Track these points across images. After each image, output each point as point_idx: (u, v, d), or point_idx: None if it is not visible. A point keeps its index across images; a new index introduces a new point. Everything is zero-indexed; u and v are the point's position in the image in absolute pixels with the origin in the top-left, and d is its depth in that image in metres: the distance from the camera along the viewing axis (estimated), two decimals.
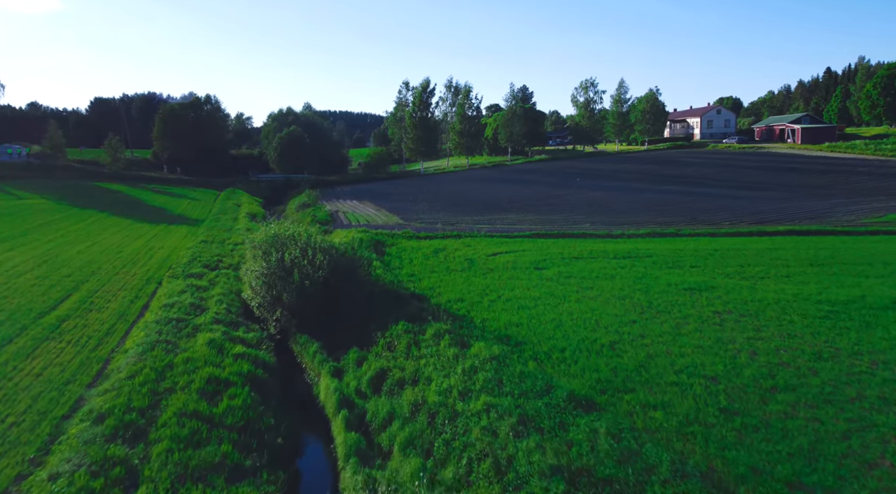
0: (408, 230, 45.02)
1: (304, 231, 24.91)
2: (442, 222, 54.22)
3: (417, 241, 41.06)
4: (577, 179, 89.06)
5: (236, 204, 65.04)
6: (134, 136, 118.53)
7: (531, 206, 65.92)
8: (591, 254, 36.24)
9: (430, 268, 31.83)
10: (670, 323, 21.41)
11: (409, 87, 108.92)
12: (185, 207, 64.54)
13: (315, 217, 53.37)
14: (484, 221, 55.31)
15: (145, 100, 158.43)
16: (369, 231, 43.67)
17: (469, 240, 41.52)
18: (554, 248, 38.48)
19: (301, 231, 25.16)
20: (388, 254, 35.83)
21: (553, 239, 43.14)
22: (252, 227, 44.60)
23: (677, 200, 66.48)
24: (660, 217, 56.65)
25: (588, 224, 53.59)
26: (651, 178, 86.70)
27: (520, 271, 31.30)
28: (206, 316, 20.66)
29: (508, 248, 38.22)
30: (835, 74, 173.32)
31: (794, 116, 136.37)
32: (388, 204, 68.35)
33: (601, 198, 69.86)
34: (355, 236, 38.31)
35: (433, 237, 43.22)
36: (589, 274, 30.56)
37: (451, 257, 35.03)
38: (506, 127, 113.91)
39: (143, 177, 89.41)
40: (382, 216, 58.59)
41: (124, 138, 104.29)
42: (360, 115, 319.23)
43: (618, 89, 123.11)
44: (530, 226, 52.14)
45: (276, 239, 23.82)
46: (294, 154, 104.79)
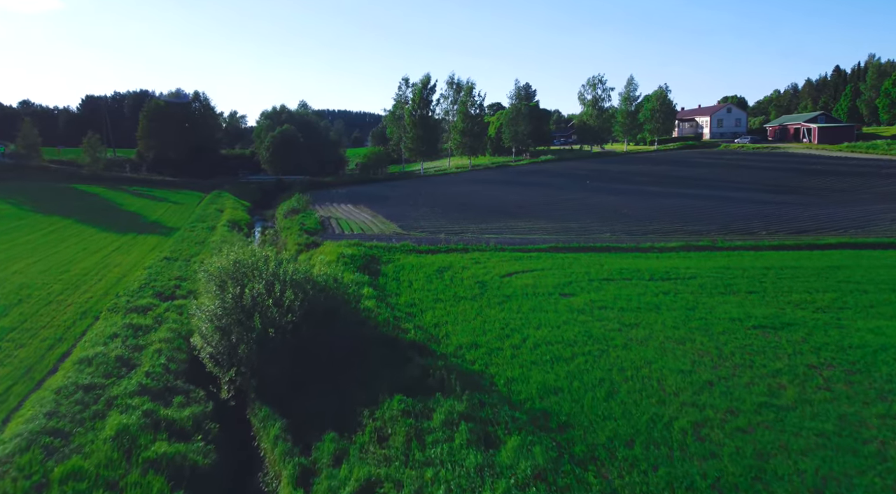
0: (407, 243, 39.47)
1: (273, 257, 19.30)
2: (445, 231, 48.69)
3: (418, 257, 35.51)
4: (588, 182, 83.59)
5: (219, 209, 59.43)
6: (127, 135, 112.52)
7: (541, 212, 60.40)
8: (623, 275, 30.71)
9: (434, 295, 26.26)
10: (760, 386, 15.89)
11: (408, 84, 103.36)
12: (163, 213, 58.97)
13: (303, 225, 47.79)
14: (492, 230, 49.76)
15: (136, 98, 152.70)
16: (362, 244, 38.10)
17: (477, 255, 35.97)
18: (577, 266, 32.95)
19: (270, 255, 19.55)
20: (384, 275, 30.27)
21: (573, 253, 37.61)
22: (229, 239, 39.07)
23: (700, 205, 60.98)
24: (686, 225, 51.15)
25: (608, 233, 48.09)
26: (666, 181, 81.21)
27: (543, 299, 25.76)
28: (131, 378, 15.08)
29: (524, 266, 32.68)
30: (844, 73, 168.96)
31: (810, 115, 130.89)
32: (386, 209, 62.81)
33: (617, 203, 64.33)
34: (345, 252, 32.74)
35: (436, 251, 37.68)
36: (627, 303, 25.02)
37: (459, 278, 29.47)
38: (510, 126, 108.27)
39: (124, 179, 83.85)
40: (379, 223, 53.03)
41: (106, 137, 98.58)
42: (359, 114, 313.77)
43: (626, 86, 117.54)
44: (544, 236, 46.64)
45: (237, 267, 18.23)
46: (287, 154, 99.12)
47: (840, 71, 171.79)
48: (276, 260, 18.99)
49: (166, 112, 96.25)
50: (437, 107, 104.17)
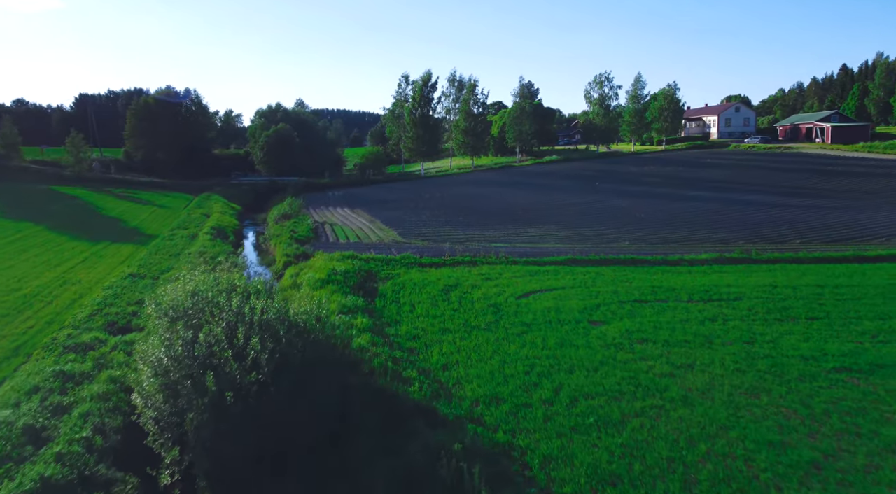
0: (408, 254, 35.38)
1: (241, 287, 15.24)
2: (449, 239, 44.65)
3: (421, 271, 31.43)
4: (597, 183, 79.54)
5: (205, 213, 55.31)
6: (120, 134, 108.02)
7: (551, 217, 56.37)
8: (657, 295, 26.67)
9: (441, 323, 22.18)
10: (885, 469, 11.85)
11: (408, 81, 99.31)
12: (146, 218, 54.85)
13: (294, 233, 43.70)
14: (500, 237, 45.70)
15: (130, 97, 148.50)
16: (358, 257, 34.02)
17: (487, 270, 31.89)
18: (602, 283, 28.90)
19: (238, 283, 15.48)
20: (382, 296, 26.18)
21: (594, 266, 33.55)
22: (209, 250, 35.00)
23: (720, 210, 56.97)
24: (710, 232, 47.14)
25: (626, 241, 44.08)
26: (679, 183, 77.17)
27: (569, 328, 21.69)
28: (34, 465, 10.99)
29: (542, 284, 28.60)
30: (851, 71, 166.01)
31: (822, 114, 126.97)
32: (385, 213, 58.74)
33: (630, 207, 60.30)
34: (337, 267, 28.64)
35: (440, 264, 33.60)
36: (671, 334, 20.96)
37: (468, 300, 25.40)
38: (514, 125, 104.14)
39: (110, 180, 79.69)
40: (377, 230, 48.95)
41: (92, 136, 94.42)
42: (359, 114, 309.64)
43: (634, 84, 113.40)
44: (557, 246, 42.61)
45: (195, 301, 14.16)
46: (282, 154, 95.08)
47: (847, 69, 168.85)
48: (242, 293, 14.90)
49: (156, 110, 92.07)
50: (439, 105, 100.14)
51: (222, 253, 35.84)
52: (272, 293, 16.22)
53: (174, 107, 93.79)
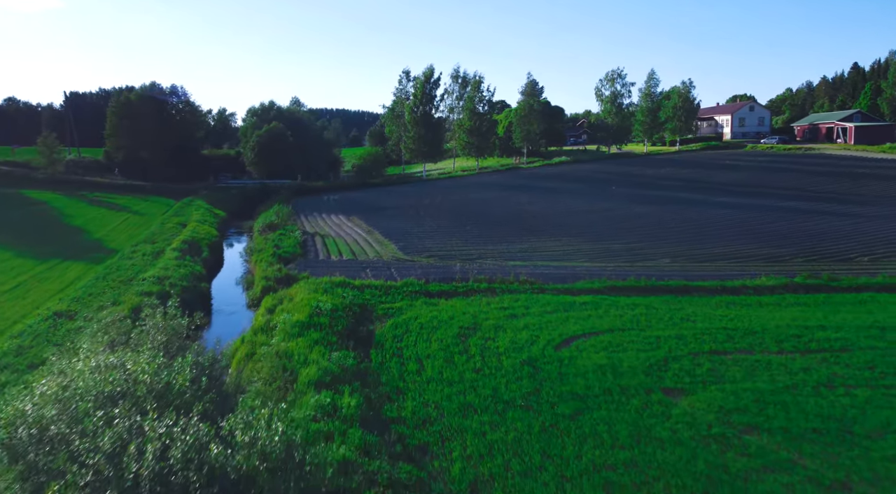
0: (411, 279, 29.21)
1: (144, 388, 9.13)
2: (459, 255, 38.51)
3: (428, 304, 25.28)
4: (613, 188, 73.40)
5: (181, 223, 49.13)
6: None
7: (570, 226, 50.25)
8: (734, 340, 20.56)
9: (461, 396, 16.04)
10: None
11: (409, 77, 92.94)
12: (114, 227, 48.73)
13: (278, 248, 37.51)
14: (517, 253, 39.56)
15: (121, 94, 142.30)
16: (351, 283, 27.85)
17: (510, 301, 25.75)
18: (658, 322, 22.79)
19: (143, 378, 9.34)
20: (379, 345, 20.01)
21: (640, 295, 27.44)
22: (168, 274, 28.80)
23: (756, 219, 50.90)
24: (757, 246, 41.06)
25: (664, 258, 37.99)
26: (702, 186, 71.01)
27: (639, 403, 15.57)
28: None
29: (583, 324, 22.45)
30: (862, 70, 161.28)
31: (844, 113, 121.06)
32: (384, 222, 52.58)
33: (656, 216, 54.19)
34: (323, 305, 22.41)
35: (452, 292, 27.46)
36: (786, 416, 14.83)
37: (493, 352, 19.28)
38: (521, 124, 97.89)
39: (86, 184, 73.47)
40: (374, 244, 42.78)
41: (70, 135, 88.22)
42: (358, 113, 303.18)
43: (647, 82, 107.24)
44: (585, 263, 36.51)
45: (42, 428, 8.00)
46: (274, 155, 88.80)
47: (859, 68, 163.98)
48: (142, 397, 8.71)
49: (139, 108, 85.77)
50: (442, 103, 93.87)
51: (187, 277, 29.69)
52: (203, 392, 10.03)
53: (159, 105, 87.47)
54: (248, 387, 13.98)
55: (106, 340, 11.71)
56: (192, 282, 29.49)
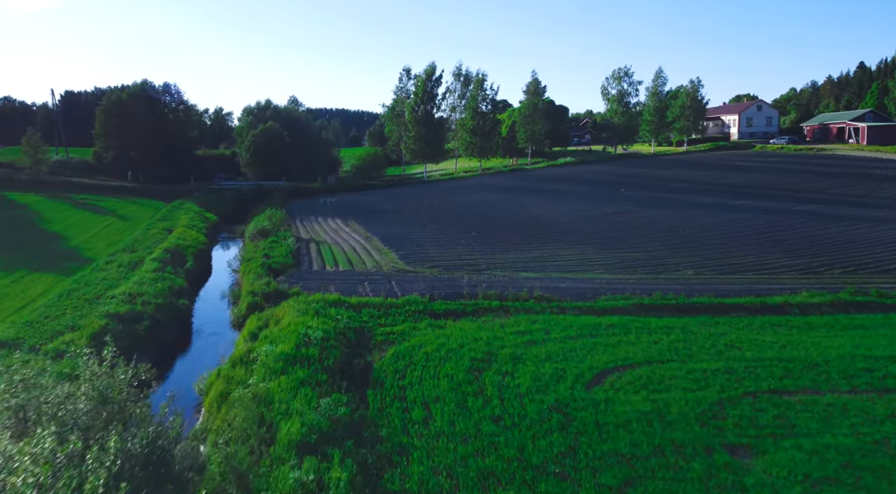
0: (414, 296, 26.11)
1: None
2: (465, 265, 35.41)
3: (434, 326, 22.19)
4: (622, 190, 70.36)
5: (167, 228, 45.99)
6: None
7: (583, 233, 47.18)
8: (793, 375, 17.52)
9: (480, 458, 12.95)
10: None
11: (410, 75, 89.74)
12: (95, 233, 45.64)
13: (269, 258, 34.36)
14: (528, 263, 36.44)
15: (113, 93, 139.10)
16: (346, 301, 24.75)
17: (527, 322, 22.66)
18: (700, 350, 19.73)
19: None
20: (377, 384, 16.92)
21: (673, 315, 24.35)
22: (143, 290, 25.68)
23: (778, 224, 47.90)
24: (786, 255, 38.06)
25: (688, 269, 34.90)
26: (715, 189, 67.83)
27: (701, 467, 12.48)
28: None
29: (615, 353, 19.35)
30: (868, 69, 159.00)
31: (856, 113, 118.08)
32: (383, 227, 49.48)
33: (671, 221, 51.14)
34: (313, 332, 19.28)
35: (461, 312, 24.36)
36: (889, 491, 11.80)
37: (514, 393, 16.21)
38: (525, 124, 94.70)
39: (73, 185, 70.32)
40: (373, 252, 39.68)
41: (57, 134, 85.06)
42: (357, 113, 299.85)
43: (654, 80, 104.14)
44: (603, 275, 33.40)
45: None
46: (270, 155, 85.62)
47: (865, 68, 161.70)
48: None
49: (129, 106, 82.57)
50: (443, 102, 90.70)
51: (164, 293, 26.57)
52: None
53: (150, 103, 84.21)
54: (211, 457, 10.87)
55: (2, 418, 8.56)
56: (170, 299, 26.39)
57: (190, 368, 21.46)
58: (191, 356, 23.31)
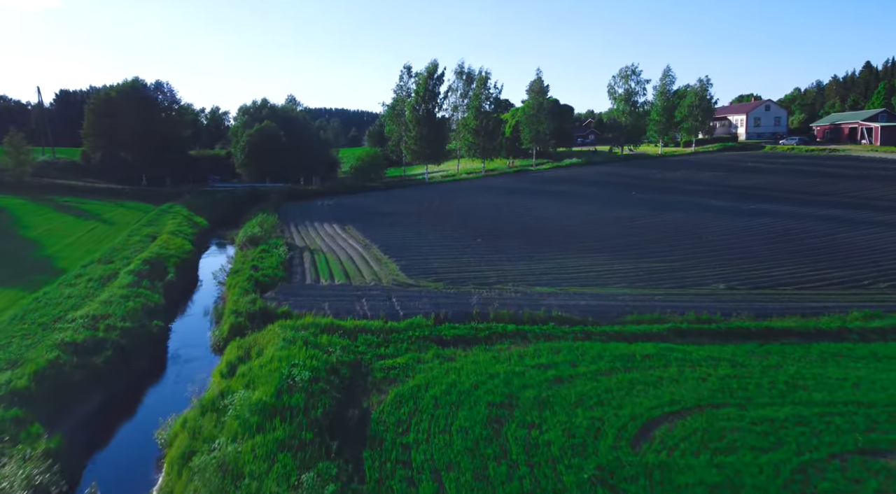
0: (418, 318, 22.95)
1: None
2: (473, 278, 32.24)
3: (441, 358, 19.06)
4: (633, 193, 67.26)
5: (151, 235, 42.82)
6: None
7: (596, 239, 44.02)
8: (889, 431, 14.42)
9: None
10: None
11: (411, 73, 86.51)
12: (74, 240, 42.53)
13: (257, 270, 31.19)
14: (542, 275, 33.28)
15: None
16: (341, 326, 21.59)
17: (548, 354, 19.51)
18: (757, 391, 16.62)
19: None
20: (375, 442, 13.78)
21: (714, 342, 21.22)
22: (110, 311, 22.53)
23: (804, 230, 44.89)
24: (821, 266, 34.94)
25: (721, 284, 31.71)
26: (728, 192, 64.59)
27: None
28: None
29: (659, 394, 16.25)
30: (875, 69, 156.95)
31: (868, 113, 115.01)
32: (383, 233, 46.32)
33: (689, 226, 48.04)
34: (298, 371, 16.12)
35: (472, 337, 21.21)
36: None
37: (544, 453, 13.10)
38: (530, 124, 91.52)
39: (58, 187, 67.13)
40: (372, 261, 36.52)
41: (43, 134, 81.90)
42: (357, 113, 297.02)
43: (662, 79, 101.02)
44: (625, 290, 30.23)
45: None
46: (266, 156, 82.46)
47: (871, 67, 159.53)
48: None
49: (119, 105, 79.39)
50: (445, 101, 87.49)
51: (135, 314, 23.40)
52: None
53: (141, 102, 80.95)
54: None
55: None
56: (141, 321, 23.22)
57: (154, 410, 18.32)
58: (159, 391, 20.17)
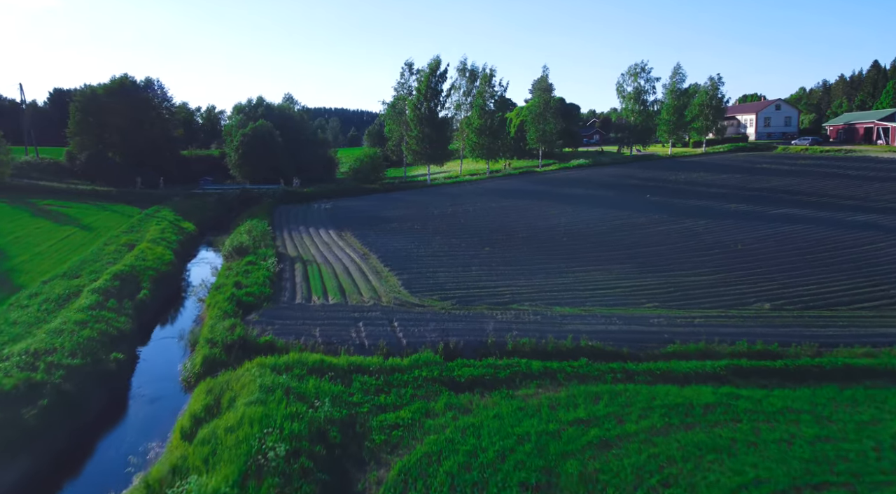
0: (426, 353, 19.25)
1: None
2: (484, 296, 28.56)
3: (455, 409, 15.42)
4: (648, 196, 63.66)
5: (129, 243, 39.16)
6: None
7: (614, 247, 40.37)
8: None
9: None
10: None
11: (412, 70, 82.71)
12: (45, 249, 38.89)
13: (240, 286, 27.48)
14: (561, 291, 29.60)
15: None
16: (331, 370, 17.86)
17: (586, 404, 15.86)
18: (862, 463, 12.95)
19: None
20: None
21: (787, 387, 17.55)
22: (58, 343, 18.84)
23: (847, 239, 41.34)
24: (868, 283, 31.25)
25: (766, 303, 28.05)
26: (750, 196, 60.94)
27: None
28: None
29: (737, 468, 12.56)
30: (883, 69, 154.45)
31: (884, 113, 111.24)
32: (383, 241, 42.64)
33: (714, 233, 44.43)
34: (271, 444, 12.45)
35: (491, 379, 17.53)
36: None
37: None
38: (536, 123, 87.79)
39: (41, 189, 63.44)
40: (371, 275, 32.81)
41: (26, 133, 78.20)
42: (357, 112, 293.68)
43: (672, 77, 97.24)
44: (659, 311, 26.60)
45: None
46: (261, 156, 78.72)
47: (879, 66, 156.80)
48: None
49: (107, 103, 75.68)
50: (448, 99, 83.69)
51: (89, 346, 19.70)
52: None
53: (130, 100, 77.18)
54: None
55: None
56: (97, 354, 19.53)
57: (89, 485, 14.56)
58: (104, 452, 16.41)
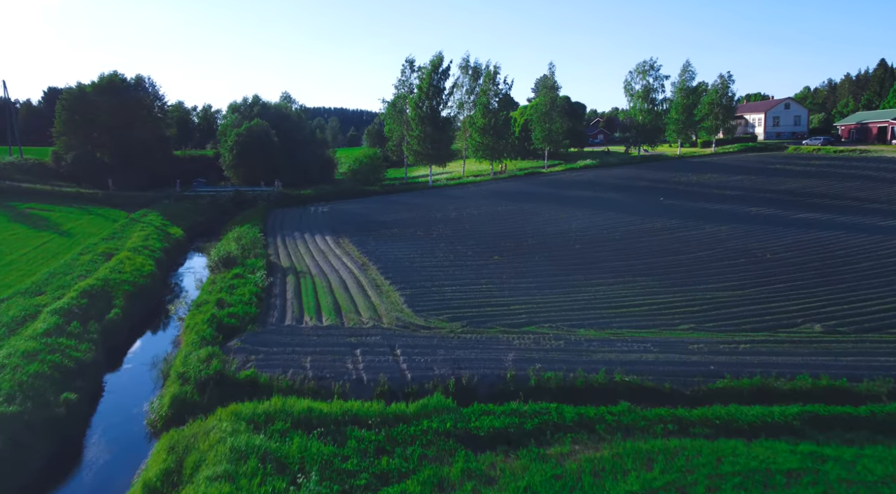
0: (437, 397, 16.07)
1: None
2: (496, 316, 25.37)
3: (471, 477, 12.25)
4: (661, 199, 60.54)
5: (107, 252, 35.96)
6: None
7: (634, 256, 37.18)
8: None
9: None
10: None
11: (413, 67, 79.47)
12: (17, 258, 35.69)
13: (222, 305, 24.25)
14: (584, 309, 26.40)
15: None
16: (321, 419, 14.66)
17: (638, 469, 12.74)
18: None
19: None
20: None
21: (879, 443, 14.39)
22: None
23: (888, 247, 38.00)
24: None
25: (817, 325, 24.85)
26: (767, 199, 57.72)
27: None
28: None
29: None
30: (890, 68, 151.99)
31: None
32: (383, 249, 39.42)
33: (741, 241, 41.25)
34: None
35: (513, 434, 14.35)
36: None
37: None
38: (541, 123, 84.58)
39: (22, 191, 60.29)
40: (370, 290, 29.58)
41: (10, 133, 74.89)
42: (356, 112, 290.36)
43: (681, 75, 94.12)
44: (697, 335, 23.42)
45: None
46: (257, 157, 75.54)
47: (886, 65, 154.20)
48: None
49: (95, 102, 72.50)
50: (450, 97, 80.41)
51: (37, 384, 16.56)
52: None
53: (119, 98, 73.97)
54: None
55: None
56: (44, 395, 16.36)
57: None
58: None
